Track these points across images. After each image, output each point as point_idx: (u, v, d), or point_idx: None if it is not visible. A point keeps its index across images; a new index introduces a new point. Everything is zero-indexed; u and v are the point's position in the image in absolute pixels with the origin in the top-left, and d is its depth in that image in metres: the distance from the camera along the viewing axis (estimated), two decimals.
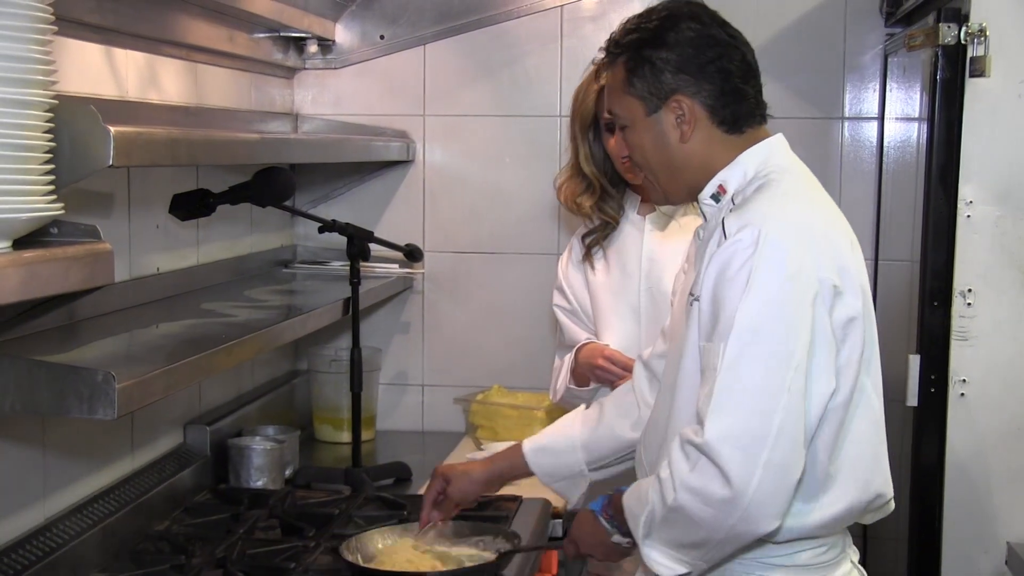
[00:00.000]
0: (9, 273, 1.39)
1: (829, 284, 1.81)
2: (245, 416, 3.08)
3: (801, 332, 1.77)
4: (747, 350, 1.76)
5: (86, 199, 2.36)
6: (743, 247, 1.80)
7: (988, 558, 2.77)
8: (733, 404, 1.75)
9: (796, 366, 1.76)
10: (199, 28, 2.80)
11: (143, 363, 1.89)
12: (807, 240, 1.82)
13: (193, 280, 2.83)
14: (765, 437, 1.73)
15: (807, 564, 1.91)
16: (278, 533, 2.53)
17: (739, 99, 1.94)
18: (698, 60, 1.92)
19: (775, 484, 1.74)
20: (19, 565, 2.04)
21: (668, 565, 1.85)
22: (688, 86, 1.92)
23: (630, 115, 1.97)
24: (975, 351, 2.76)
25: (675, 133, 1.94)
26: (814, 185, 1.99)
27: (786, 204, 1.87)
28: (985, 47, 2.67)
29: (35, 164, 1.45)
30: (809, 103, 3.44)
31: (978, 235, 2.75)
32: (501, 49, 3.53)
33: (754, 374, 1.76)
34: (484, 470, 2.33)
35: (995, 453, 2.77)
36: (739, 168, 1.94)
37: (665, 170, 1.98)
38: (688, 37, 1.92)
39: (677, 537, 1.83)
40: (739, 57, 1.95)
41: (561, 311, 2.80)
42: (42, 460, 2.21)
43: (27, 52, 1.40)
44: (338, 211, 3.46)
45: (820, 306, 1.79)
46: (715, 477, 1.74)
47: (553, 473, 2.27)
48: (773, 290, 1.77)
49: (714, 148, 1.94)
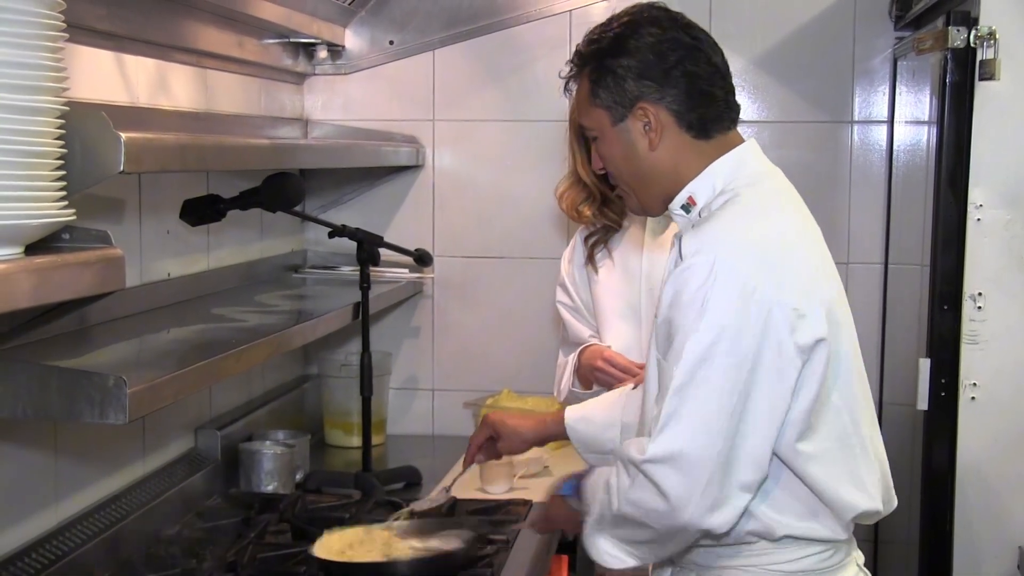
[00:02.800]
0: (21, 279, 1.39)
1: (788, 307, 1.78)
2: (256, 421, 3.09)
3: (751, 359, 1.77)
4: (697, 374, 1.77)
5: (97, 205, 2.37)
6: (698, 272, 1.79)
7: (999, 562, 2.76)
8: (678, 428, 1.77)
9: (739, 393, 1.76)
10: (209, 34, 2.80)
11: (154, 368, 1.89)
12: (765, 264, 1.80)
13: (203, 285, 2.83)
14: (706, 460, 1.76)
15: (811, 569, 1.90)
16: (288, 537, 2.53)
17: (706, 103, 1.91)
18: (661, 65, 1.88)
19: (715, 503, 1.78)
20: (31, 569, 2.05)
21: (618, 556, 1.91)
22: (652, 92, 1.89)
23: (598, 126, 1.95)
24: (985, 355, 2.75)
25: (643, 141, 1.91)
26: (784, 198, 1.96)
27: (748, 224, 1.85)
28: (995, 50, 2.66)
29: (46, 171, 1.45)
30: (818, 107, 3.43)
31: (988, 239, 2.74)
32: (510, 54, 3.53)
33: (700, 399, 1.77)
34: (534, 431, 2.37)
35: (1006, 457, 2.76)
36: (708, 180, 1.91)
37: (637, 180, 1.96)
38: (649, 43, 1.89)
39: (626, 536, 1.89)
40: (704, 60, 1.91)
41: (564, 308, 2.80)
42: (53, 465, 2.22)
43: (38, 59, 1.40)
44: (348, 216, 3.47)
45: (778, 330, 1.77)
46: (654, 495, 1.79)
47: (589, 444, 2.27)
48: (726, 318, 1.77)
49: (683, 155, 1.92)
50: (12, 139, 1.37)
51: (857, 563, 1.99)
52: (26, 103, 1.39)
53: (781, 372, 1.78)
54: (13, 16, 1.36)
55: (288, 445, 2.95)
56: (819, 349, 1.81)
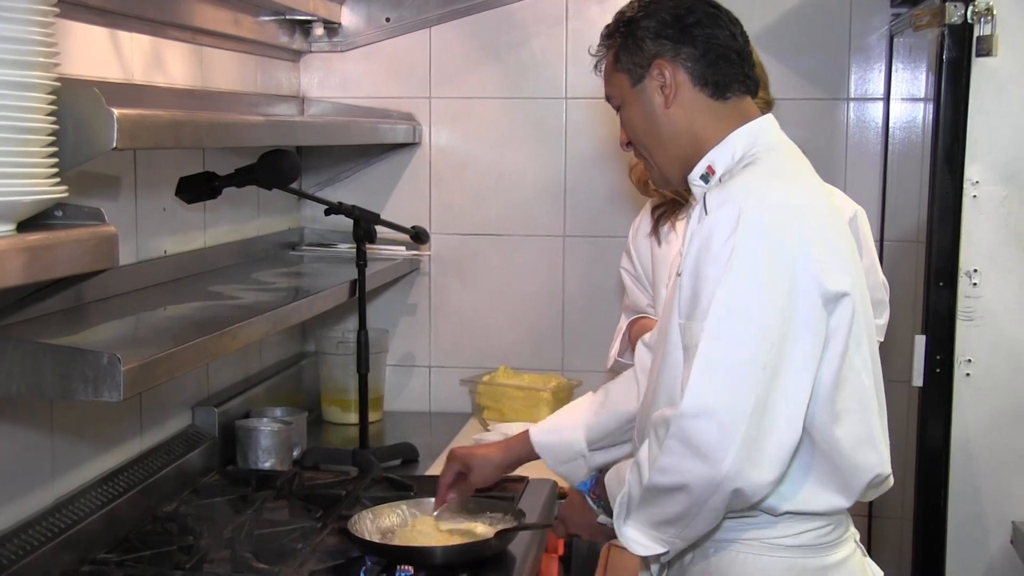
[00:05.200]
0: (12, 256, 1.38)
1: (812, 259, 1.78)
2: (253, 398, 3.09)
3: (780, 309, 1.76)
4: (725, 327, 1.75)
5: (92, 182, 2.36)
6: (724, 224, 1.78)
7: (993, 537, 2.77)
8: (709, 380, 1.75)
9: (772, 344, 1.74)
10: (204, 11, 2.79)
11: (150, 345, 1.88)
12: (788, 217, 1.80)
13: (200, 263, 2.83)
14: (741, 413, 1.73)
15: (810, 544, 1.90)
16: (286, 514, 2.53)
17: (722, 64, 1.92)
18: (678, 25, 1.92)
19: (753, 459, 1.73)
20: (28, 546, 2.04)
21: (645, 544, 1.86)
22: (667, 51, 1.91)
23: (620, 92, 1.98)
24: (980, 331, 2.75)
25: (659, 99, 1.93)
26: (801, 164, 1.97)
27: (770, 181, 1.85)
28: (992, 26, 2.65)
29: (37, 147, 1.44)
30: (815, 84, 3.42)
31: (984, 215, 2.74)
32: (507, 31, 3.51)
33: (731, 351, 1.75)
34: (502, 455, 2.37)
35: (1000, 433, 2.77)
36: (727, 148, 1.92)
37: (655, 141, 1.96)
38: (668, 6, 1.93)
39: (654, 516, 1.84)
40: (724, 26, 1.94)
41: (626, 274, 2.83)
42: (50, 442, 2.21)
43: (28, 34, 1.39)
44: (344, 194, 3.46)
45: (805, 280, 1.77)
46: (688, 455, 1.74)
47: (557, 454, 2.29)
48: (753, 268, 1.76)
49: (699, 114, 1.93)
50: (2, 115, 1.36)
51: (854, 539, 1.99)
52: (16, 78, 1.38)
53: (812, 323, 1.77)
54: None
55: (285, 422, 2.95)
56: (844, 303, 1.80)
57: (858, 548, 1.99)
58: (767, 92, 2.49)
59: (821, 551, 1.91)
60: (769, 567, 1.89)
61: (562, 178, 3.55)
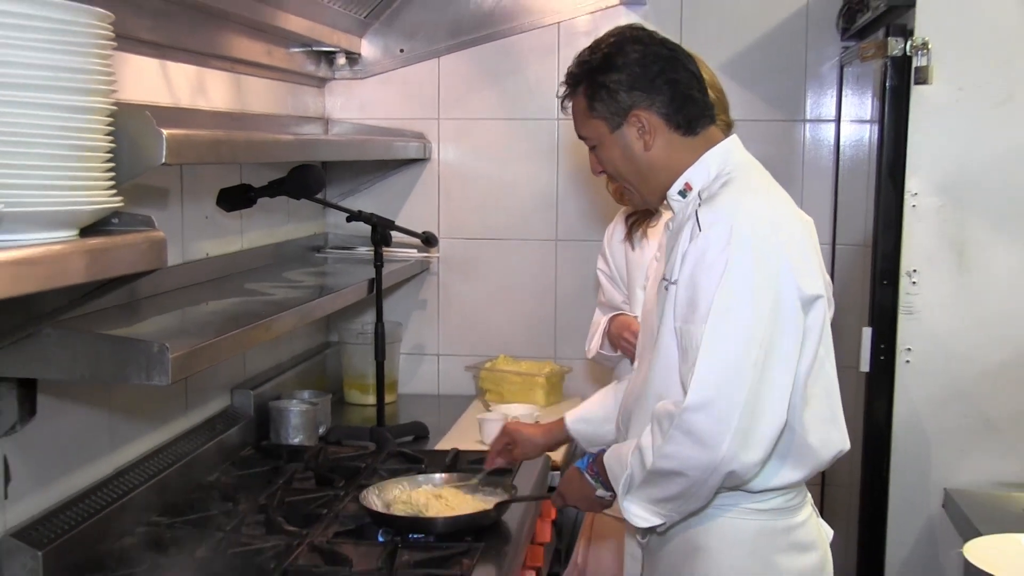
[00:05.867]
0: (75, 258, 1.39)
1: (792, 267, 1.81)
2: (284, 382, 3.09)
3: (768, 313, 1.77)
4: (720, 330, 1.77)
5: (144, 193, 2.37)
6: (718, 240, 1.80)
7: (927, 502, 2.78)
8: (708, 378, 1.76)
9: (761, 343, 1.76)
10: (242, 44, 2.79)
11: (194, 336, 1.89)
12: (771, 230, 1.82)
13: (238, 263, 2.83)
14: (736, 405, 1.75)
15: (777, 509, 1.92)
16: (312, 483, 2.54)
17: (689, 104, 1.93)
18: (646, 76, 1.90)
19: (745, 444, 1.76)
20: (91, 509, 2.06)
21: (645, 517, 1.87)
22: (642, 100, 1.90)
23: (597, 135, 1.96)
24: (919, 324, 2.76)
25: (639, 144, 1.93)
26: (768, 178, 1.98)
27: (753, 199, 1.87)
28: (927, 58, 2.65)
29: (97, 163, 1.44)
30: (775, 107, 3.43)
31: (922, 223, 2.74)
32: (506, 60, 3.51)
33: (727, 351, 1.76)
34: (544, 438, 2.43)
35: (935, 412, 2.77)
36: (702, 167, 1.93)
37: (636, 177, 1.97)
38: (634, 58, 1.90)
39: (655, 495, 1.85)
40: (682, 67, 1.93)
41: (602, 274, 2.81)
42: (108, 420, 2.22)
43: (90, 65, 1.40)
44: (363, 203, 3.46)
45: (788, 287, 1.80)
46: (690, 444, 1.76)
47: (591, 439, 2.30)
48: (745, 278, 1.78)
49: (675, 151, 1.93)
50: (67, 135, 1.37)
51: (811, 503, 2.01)
52: (80, 103, 1.38)
53: (794, 323, 1.80)
54: (69, 27, 1.36)
55: (312, 403, 2.96)
56: (818, 304, 1.83)
57: (814, 511, 2.01)
58: (727, 115, 2.48)
59: (787, 514, 1.93)
60: (744, 528, 1.91)
61: (554, 189, 3.55)
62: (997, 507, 2.61)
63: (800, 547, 1.93)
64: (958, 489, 2.74)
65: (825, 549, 2.00)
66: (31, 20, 1.31)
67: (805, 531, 1.95)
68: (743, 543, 1.90)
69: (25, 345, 1.68)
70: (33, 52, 1.31)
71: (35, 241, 1.34)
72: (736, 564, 1.90)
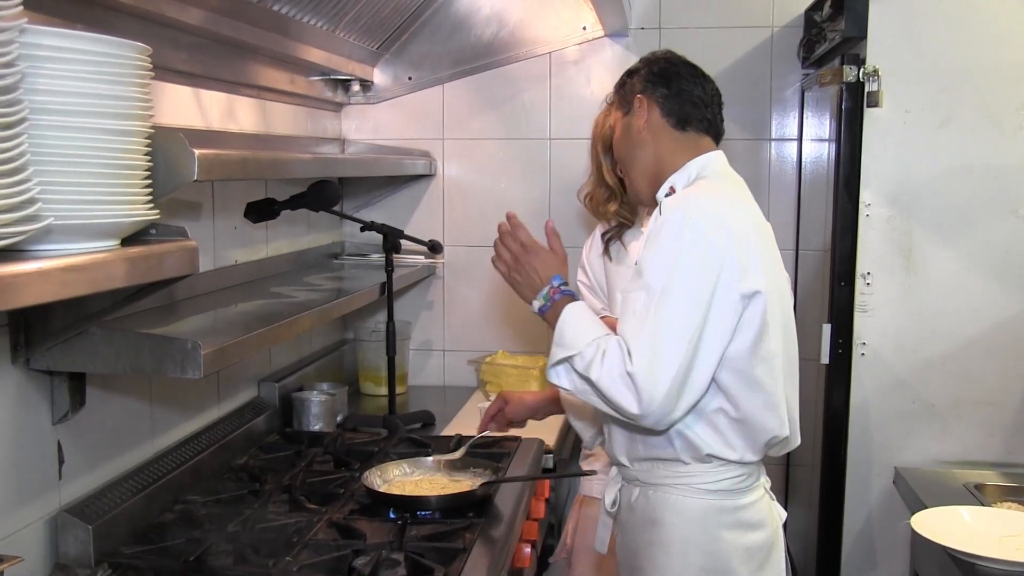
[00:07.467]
0: (117, 265, 1.40)
1: (735, 261, 1.80)
2: (305, 375, 3.09)
3: (707, 300, 1.78)
4: (665, 308, 1.78)
5: (179, 207, 2.37)
6: (672, 223, 1.81)
7: (880, 480, 2.79)
8: (648, 346, 1.77)
9: (697, 324, 1.78)
10: (267, 73, 2.80)
11: (224, 334, 1.89)
12: (724, 225, 1.82)
13: (263, 269, 2.83)
14: (672, 371, 1.76)
15: (727, 489, 1.92)
16: (331, 466, 2.54)
17: (685, 103, 1.98)
18: (659, 75, 2.01)
19: (670, 407, 1.78)
20: (135, 487, 2.06)
21: (564, 385, 1.89)
22: (646, 89, 2.00)
23: (616, 120, 2.08)
24: (872, 320, 2.77)
25: (637, 122, 2.00)
26: (739, 188, 2.00)
27: (713, 196, 1.88)
28: (878, 84, 2.67)
29: (137, 180, 1.45)
30: (744, 128, 3.43)
31: (874, 231, 2.75)
32: (503, 87, 3.52)
33: (669, 326, 1.77)
34: (534, 401, 2.45)
35: (886, 400, 2.78)
36: (685, 172, 1.96)
37: (630, 157, 2.02)
38: (661, 65, 2.03)
39: (582, 384, 1.85)
40: (694, 80, 2.01)
41: (582, 285, 2.79)
42: (149, 409, 2.23)
43: (130, 93, 1.41)
44: (376, 214, 3.47)
45: (728, 279, 1.80)
46: (633, 399, 1.77)
47: (579, 411, 2.30)
48: (688, 260, 1.79)
49: (662, 138, 1.98)
50: (110, 156, 1.38)
51: (764, 487, 2.00)
52: (121, 127, 1.39)
53: (727, 314, 1.80)
54: (112, 60, 1.37)
55: (331, 394, 2.96)
56: (757, 299, 1.82)
57: (767, 494, 2.00)
58: None
59: (735, 495, 1.93)
60: (694, 505, 1.92)
61: (546, 202, 3.56)
62: (940, 483, 2.63)
63: (747, 525, 1.93)
64: (906, 467, 2.75)
65: (776, 528, 1.98)
66: (78, 54, 1.32)
67: (754, 511, 1.94)
68: (693, 520, 1.91)
69: (75, 343, 1.70)
70: (80, 82, 1.32)
71: (81, 250, 1.35)
72: (686, 535, 1.91)
